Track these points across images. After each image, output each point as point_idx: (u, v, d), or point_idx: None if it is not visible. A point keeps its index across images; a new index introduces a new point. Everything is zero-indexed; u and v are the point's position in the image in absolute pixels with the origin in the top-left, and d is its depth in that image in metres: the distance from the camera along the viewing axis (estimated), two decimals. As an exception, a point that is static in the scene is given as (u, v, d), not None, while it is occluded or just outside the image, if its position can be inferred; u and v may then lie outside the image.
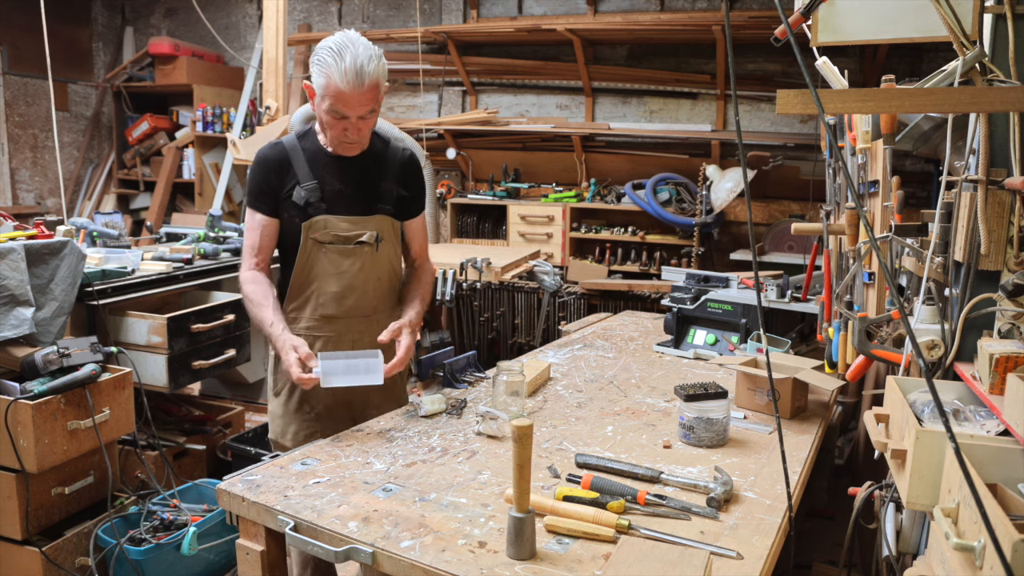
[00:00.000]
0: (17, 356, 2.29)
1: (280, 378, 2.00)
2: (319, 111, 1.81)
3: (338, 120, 1.79)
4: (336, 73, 1.71)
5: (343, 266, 1.92)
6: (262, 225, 1.92)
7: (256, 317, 1.88)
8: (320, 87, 1.76)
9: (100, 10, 6.71)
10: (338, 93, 1.73)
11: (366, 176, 1.95)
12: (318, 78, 1.76)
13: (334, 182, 1.91)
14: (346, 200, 1.92)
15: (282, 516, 1.37)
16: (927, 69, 2.53)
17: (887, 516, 1.51)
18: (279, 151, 1.91)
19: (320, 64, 1.75)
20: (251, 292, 1.89)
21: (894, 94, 1.22)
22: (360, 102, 1.76)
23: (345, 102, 1.75)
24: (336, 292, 1.93)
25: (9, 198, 6.02)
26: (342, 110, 1.77)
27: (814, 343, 2.66)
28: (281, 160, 1.90)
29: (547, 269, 4.26)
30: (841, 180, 2.12)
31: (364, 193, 1.94)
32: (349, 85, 1.72)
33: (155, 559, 2.30)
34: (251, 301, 1.89)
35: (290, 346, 1.76)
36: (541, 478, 1.53)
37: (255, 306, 1.88)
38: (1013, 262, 1.33)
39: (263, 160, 1.91)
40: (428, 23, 5.56)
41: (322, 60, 1.74)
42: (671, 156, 4.93)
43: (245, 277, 1.92)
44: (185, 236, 3.54)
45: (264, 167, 1.90)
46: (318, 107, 1.80)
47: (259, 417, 3.76)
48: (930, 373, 1.24)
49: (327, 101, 1.76)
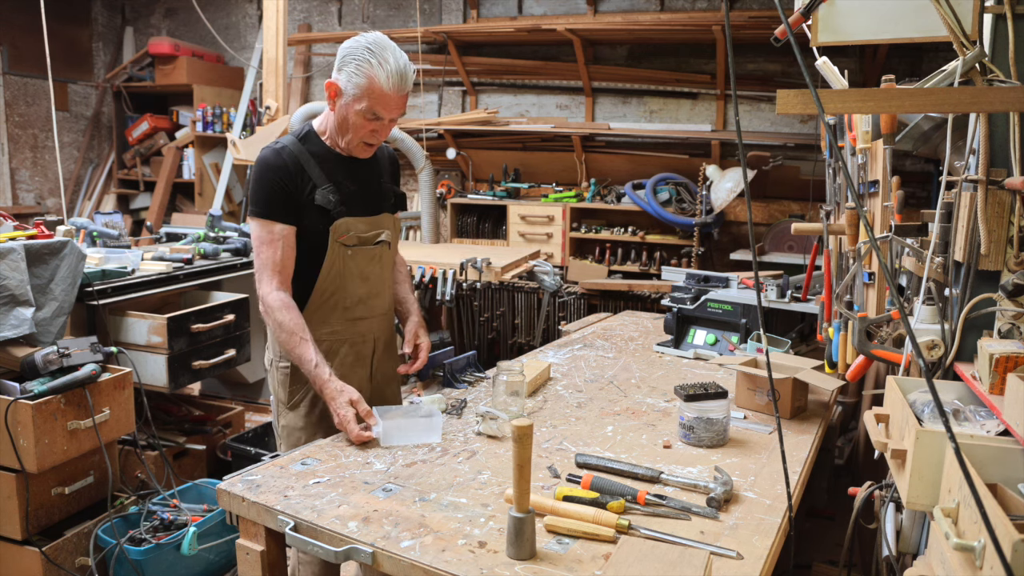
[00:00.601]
0: (17, 356, 2.29)
1: (297, 390, 1.91)
2: (348, 111, 1.75)
3: (370, 121, 1.76)
4: (381, 74, 1.69)
5: (368, 267, 1.90)
6: (283, 236, 1.79)
7: (292, 352, 1.76)
8: (358, 87, 1.71)
9: (100, 10, 6.71)
10: (381, 95, 1.71)
11: (370, 176, 1.94)
12: (356, 78, 1.70)
13: (347, 183, 1.87)
14: (360, 201, 1.89)
15: (282, 516, 1.37)
16: (927, 69, 2.53)
17: (887, 516, 1.51)
18: (289, 155, 1.80)
19: (359, 64, 1.70)
20: (286, 322, 1.76)
21: (894, 94, 1.22)
22: (398, 104, 1.76)
23: (386, 104, 1.73)
24: (363, 294, 1.91)
25: (9, 198, 6.02)
26: (381, 112, 1.74)
27: (814, 343, 2.66)
28: (294, 164, 1.80)
29: (547, 269, 4.26)
30: (841, 180, 2.12)
31: (371, 193, 1.93)
32: (393, 87, 1.71)
33: (155, 559, 2.30)
34: (286, 331, 1.76)
35: (347, 400, 1.69)
36: (541, 478, 1.53)
37: (291, 337, 1.75)
38: (1013, 262, 1.33)
39: (276, 166, 1.79)
40: (428, 23, 5.56)
41: (361, 60, 1.70)
42: (671, 156, 4.93)
43: (274, 302, 1.77)
44: (185, 236, 3.55)
45: (278, 173, 1.78)
46: (347, 107, 1.75)
47: (259, 417, 3.76)
48: (930, 373, 1.24)
49: (364, 102, 1.72)
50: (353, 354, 1.93)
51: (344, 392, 1.70)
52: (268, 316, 1.80)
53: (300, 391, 1.91)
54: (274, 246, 1.78)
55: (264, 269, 1.80)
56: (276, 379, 1.96)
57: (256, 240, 1.81)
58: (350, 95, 1.73)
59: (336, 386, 1.71)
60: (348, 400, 1.69)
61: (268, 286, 1.79)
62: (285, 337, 1.76)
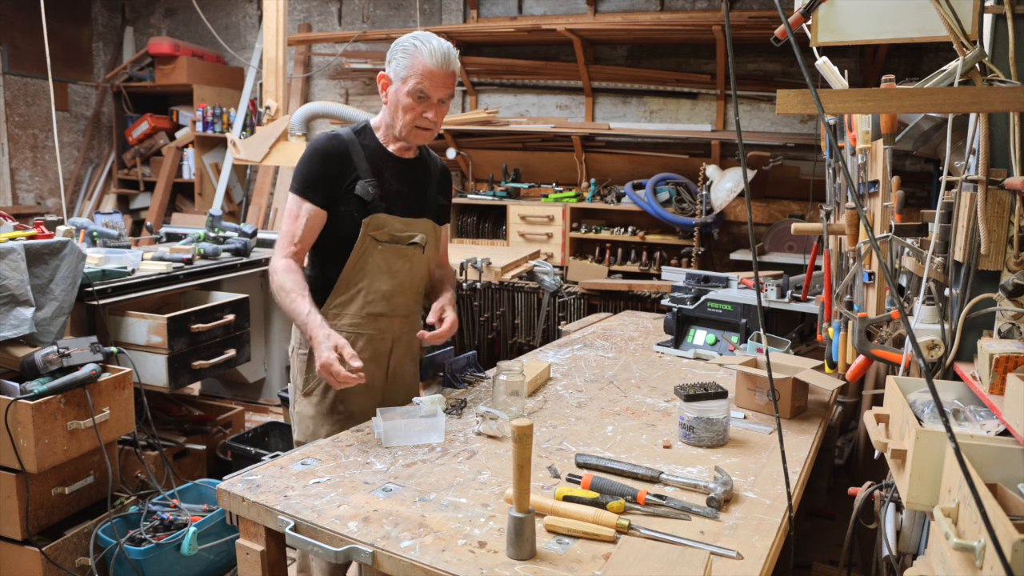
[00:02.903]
0: (17, 356, 2.29)
1: (312, 377, 1.94)
2: (398, 96, 1.84)
3: (419, 102, 1.83)
4: (425, 52, 1.79)
5: (395, 265, 1.93)
6: (309, 215, 1.86)
7: (289, 307, 1.80)
8: (405, 67, 1.81)
9: (100, 10, 6.71)
10: (426, 71, 1.79)
11: (417, 179, 1.99)
12: (402, 60, 1.81)
13: (392, 181, 1.92)
14: (402, 200, 1.93)
15: (282, 516, 1.37)
16: (927, 69, 2.53)
17: (887, 516, 1.51)
18: (340, 143, 1.88)
19: (405, 50, 1.82)
20: (285, 281, 1.82)
21: (894, 94, 1.22)
22: (444, 83, 1.83)
23: (432, 80, 1.81)
24: (386, 290, 1.93)
25: (9, 198, 6.02)
26: (428, 89, 1.81)
27: (814, 343, 2.66)
28: (342, 152, 1.87)
29: (547, 269, 4.26)
30: (841, 180, 2.12)
31: (416, 195, 1.97)
32: (437, 64, 1.80)
33: (155, 559, 2.30)
34: (284, 289, 1.81)
35: (331, 345, 1.68)
36: (541, 478, 1.53)
37: (288, 294, 1.80)
38: (1013, 262, 1.33)
39: (324, 150, 1.87)
40: (428, 23, 5.56)
41: (407, 46, 1.82)
42: (671, 156, 4.93)
43: (279, 265, 1.84)
44: (185, 236, 3.55)
45: (325, 156, 1.86)
46: (397, 92, 1.84)
47: (259, 417, 3.76)
48: (930, 373, 1.24)
49: (412, 81, 1.80)
50: (370, 349, 1.94)
51: (331, 337, 1.70)
52: (272, 281, 1.84)
53: (314, 379, 1.93)
54: (298, 221, 1.86)
55: (281, 240, 1.88)
56: (295, 365, 1.99)
57: (286, 214, 1.89)
58: (399, 78, 1.83)
59: (323, 332, 1.71)
60: (333, 345, 1.68)
61: (278, 256, 1.86)
62: (284, 297, 1.80)
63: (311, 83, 6.17)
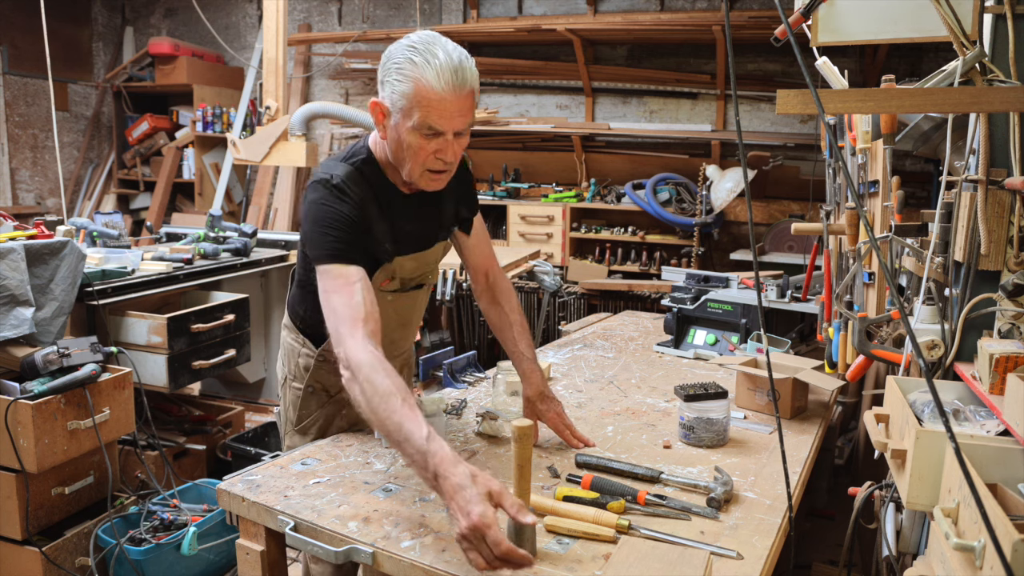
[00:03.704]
0: (17, 356, 2.29)
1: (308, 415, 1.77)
2: (399, 133, 1.44)
3: (429, 140, 1.42)
4: (429, 73, 1.36)
5: (403, 309, 1.74)
6: (361, 278, 1.43)
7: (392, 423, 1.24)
8: (404, 96, 1.38)
9: (100, 10, 6.71)
10: (432, 99, 1.37)
11: (429, 208, 1.65)
12: (399, 85, 1.38)
13: (403, 221, 1.60)
14: (413, 239, 1.64)
15: (282, 516, 1.37)
16: (927, 69, 2.53)
17: (887, 516, 1.51)
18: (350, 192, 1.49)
19: (400, 68, 1.38)
20: (380, 384, 1.27)
21: (894, 94, 1.22)
22: (459, 109, 1.40)
23: (442, 111, 1.38)
24: (396, 337, 1.77)
25: (9, 198, 6.02)
26: (437, 123, 1.39)
27: (814, 343, 2.66)
28: (363, 195, 1.51)
29: (547, 269, 4.26)
30: (841, 180, 2.12)
31: (428, 227, 1.68)
32: (447, 86, 1.36)
33: (155, 559, 2.30)
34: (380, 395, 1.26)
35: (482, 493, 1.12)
36: (541, 478, 1.53)
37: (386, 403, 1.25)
38: (1013, 262, 1.33)
39: (349, 195, 1.48)
40: (428, 23, 5.56)
41: (402, 62, 1.38)
42: (671, 156, 4.93)
43: (360, 358, 1.31)
44: (185, 236, 3.55)
45: (351, 203, 1.48)
46: (397, 128, 1.43)
47: (259, 417, 3.76)
48: (930, 373, 1.24)
49: (416, 114, 1.39)
50: None
51: (478, 481, 1.13)
52: (354, 378, 1.30)
53: (311, 416, 1.78)
54: (354, 293, 1.40)
55: (341, 322, 1.37)
56: (287, 398, 1.80)
57: (325, 291, 1.42)
58: (398, 110, 1.41)
59: (463, 471, 1.14)
60: (485, 491, 1.13)
61: (351, 339, 1.34)
62: (378, 402, 1.26)
63: (311, 83, 6.17)
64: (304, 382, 1.77)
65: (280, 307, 3.96)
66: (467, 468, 1.15)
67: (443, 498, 1.16)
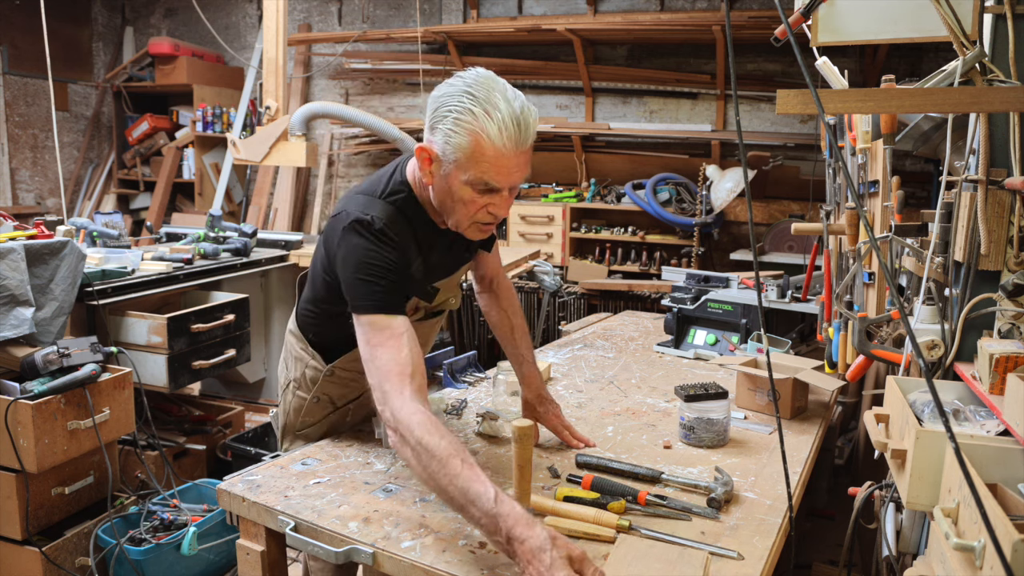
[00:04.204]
0: (17, 356, 2.29)
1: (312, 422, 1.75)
2: (450, 184, 1.34)
3: (482, 195, 1.33)
4: (491, 128, 1.26)
5: (423, 331, 1.70)
6: (407, 331, 1.33)
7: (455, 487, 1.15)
8: (459, 149, 1.28)
9: (100, 10, 6.71)
10: (492, 156, 1.27)
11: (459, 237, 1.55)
12: (455, 137, 1.28)
13: (434, 254, 1.54)
14: (443, 268, 1.61)
15: (282, 516, 1.37)
16: (927, 69, 2.53)
17: (887, 516, 1.51)
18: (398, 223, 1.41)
19: (459, 119, 1.27)
20: (436, 447, 1.18)
21: (894, 94, 1.22)
22: (518, 165, 1.31)
23: (500, 167, 1.29)
24: None
25: (9, 198, 6.02)
26: (494, 179, 1.30)
27: (814, 343, 2.66)
28: (405, 238, 1.43)
29: (547, 269, 4.26)
30: (841, 180, 2.12)
31: (457, 254, 1.64)
32: (509, 142, 1.27)
33: (155, 559, 2.30)
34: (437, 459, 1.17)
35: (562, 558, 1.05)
36: (541, 478, 1.53)
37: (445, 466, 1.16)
38: (1013, 262, 1.33)
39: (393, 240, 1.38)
40: (428, 23, 5.56)
41: (460, 111, 1.27)
42: (671, 156, 4.93)
43: (416, 420, 1.21)
44: (185, 236, 3.55)
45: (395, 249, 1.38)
46: (448, 179, 1.33)
47: (259, 417, 3.76)
48: (930, 373, 1.24)
49: (473, 169, 1.29)
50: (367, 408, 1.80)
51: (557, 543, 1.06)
52: (405, 439, 1.22)
53: (315, 424, 1.76)
54: (395, 344, 1.30)
55: (387, 377, 1.28)
56: (290, 402, 1.76)
57: (369, 344, 1.32)
58: (450, 161, 1.31)
59: (541, 534, 1.07)
60: (566, 555, 1.06)
61: (398, 397, 1.25)
62: (436, 468, 1.17)
63: (311, 83, 6.17)
64: (311, 392, 1.73)
65: (280, 307, 3.96)
66: (545, 531, 1.08)
67: (518, 562, 1.08)
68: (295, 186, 5.93)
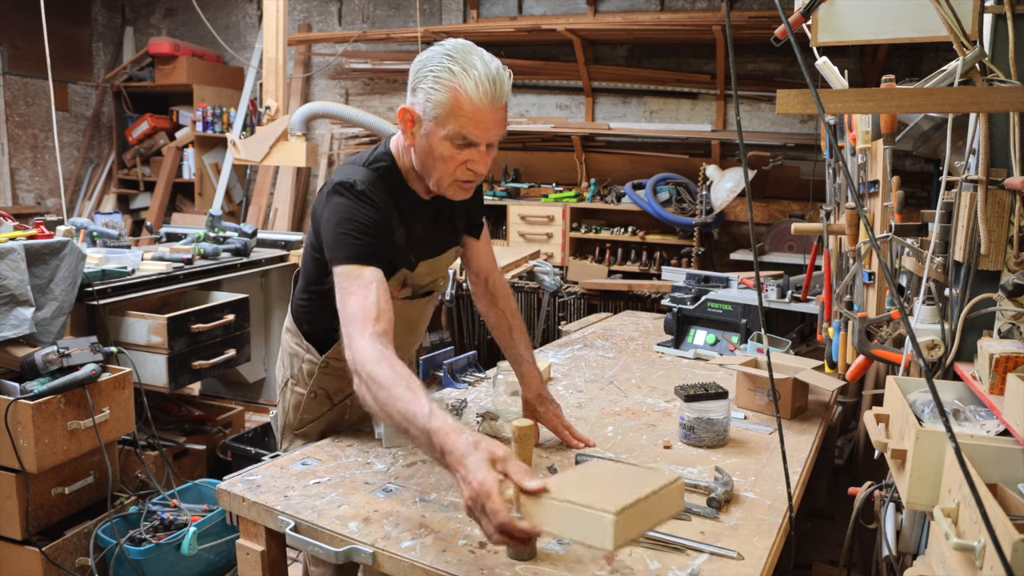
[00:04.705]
0: (17, 356, 2.29)
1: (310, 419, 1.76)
2: (431, 142, 1.42)
3: (461, 150, 1.41)
4: (468, 84, 1.35)
5: (412, 315, 1.75)
6: (377, 281, 1.40)
7: (395, 410, 1.21)
8: (439, 105, 1.37)
9: (100, 10, 6.71)
10: (469, 109, 1.36)
11: (444, 213, 1.66)
12: (435, 94, 1.37)
13: (419, 226, 1.60)
14: (427, 245, 1.65)
15: (282, 516, 1.37)
16: (927, 69, 2.53)
17: (887, 516, 1.51)
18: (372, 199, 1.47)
19: (437, 77, 1.37)
20: (383, 376, 1.23)
21: (894, 94, 1.22)
22: (494, 121, 1.41)
23: (478, 121, 1.38)
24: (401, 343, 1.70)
25: (9, 198, 6.02)
26: (472, 133, 1.39)
27: (814, 343, 2.66)
28: (386, 202, 1.49)
29: (547, 269, 4.26)
30: (841, 180, 2.12)
31: (443, 233, 1.70)
32: (487, 97, 1.37)
33: (155, 559, 2.30)
34: (381, 386, 1.23)
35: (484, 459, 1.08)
36: (541, 478, 1.53)
37: (388, 391, 1.22)
38: (1013, 262, 1.33)
39: (372, 200, 1.46)
40: (428, 23, 5.56)
41: (439, 71, 1.37)
42: (671, 156, 4.93)
43: (370, 355, 1.27)
44: (185, 236, 3.55)
45: (374, 208, 1.46)
46: (429, 136, 1.41)
47: (259, 417, 3.76)
48: (930, 373, 1.24)
49: (452, 123, 1.38)
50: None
51: (481, 448, 1.09)
52: (359, 375, 1.27)
53: (314, 421, 1.77)
54: (368, 293, 1.37)
55: (352, 321, 1.34)
56: (288, 400, 1.79)
57: (342, 293, 1.39)
58: (431, 118, 1.39)
59: (465, 440, 1.10)
60: (488, 457, 1.08)
61: (359, 339, 1.31)
62: (382, 395, 1.23)
63: (311, 83, 6.17)
64: (308, 387, 1.75)
65: (280, 307, 3.96)
66: (471, 436, 1.11)
67: (452, 474, 1.10)
68: (295, 186, 5.93)
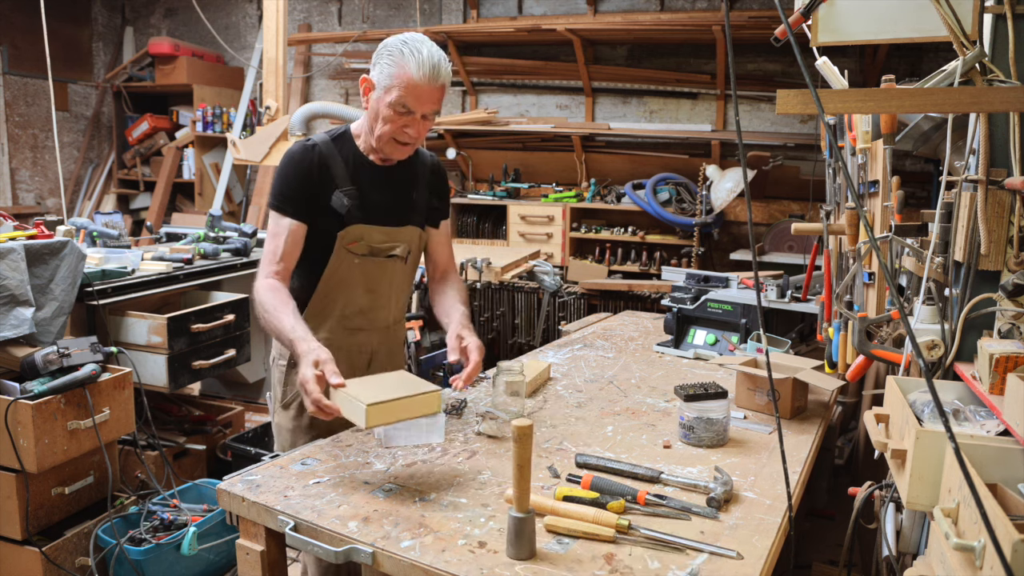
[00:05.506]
0: (17, 356, 2.29)
1: (291, 390, 1.91)
2: (379, 105, 1.73)
3: (401, 115, 1.72)
4: (412, 63, 1.67)
5: (374, 278, 1.87)
6: (289, 230, 1.77)
7: (274, 326, 1.66)
8: (389, 76, 1.70)
9: (100, 10, 6.71)
10: (411, 84, 1.68)
11: (401, 185, 1.90)
12: (387, 68, 1.70)
13: (372, 190, 1.84)
14: (383, 210, 1.85)
15: (282, 516, 1.37)
16: (927, 69, 2.53)
17: (887, 516, 1.51)
18: (316, 152, 1.79)
19: (391, 55, 1.70)
20: (267, 300, 1.69)
21: (894, 94, 1.22)
22: (430, 98, 1.71)
23: (417, 95, 1.69)
24: (364, 305, 1.88)
25: (9, 198, 6.02)
26: (411, 104, 1.70)
27: (814, 343, 2.66)
28: (319, 162, 1.79)
29: (547, 269, 4.26)
30: (841, 180, 2.12)
31: (399, 203, 1.89)
32: (425, 77, 1.68)
33: (155, 559, 2.30)
34: (267, 309, 1.68)
35: (312, 361, 1.52)
36: (541, 478, 1.53)
37: (271, 313, 1.67)
38: (1013, 262, 1.33)
39: (298, 160, 1.78)
40: (428, 23, 5.57)
41: (393, 51, 1.70)
42: (671, 156, 4.93)
43: (262, 285, 1.73)
44: (185, 236, 3.55)
45: (299, 168, 1.78)
46: (378, 101, 1.73)
47: (259, 417, 3.76)
48: (930, 373, 1.24)
49: (395, 93, 1.69)
50: (347, 363, 1.83)
51: (312, 352, 1.53)
52: (254, 303, 1.73)
53: (293, 391, 1.90)
54: (278, 238, 1.77)
55: (263, 260, 1.78)
56: (275, 375, 1.97)
57: (268, 233, 1.80)
58: (382, 86, 1.72)
59: (306, 345, 1.55)
60: (314, 360, 1.51)
61: (260, 278, 1.76)
62: (265, 315, 1.68)
63: (311, 83, 6.17)
64: (287, 359, 1.90)
65: (280, 307, 3.96)
66: (311, 345, 1.54)
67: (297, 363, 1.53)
68: (295, 186, 5.92)
